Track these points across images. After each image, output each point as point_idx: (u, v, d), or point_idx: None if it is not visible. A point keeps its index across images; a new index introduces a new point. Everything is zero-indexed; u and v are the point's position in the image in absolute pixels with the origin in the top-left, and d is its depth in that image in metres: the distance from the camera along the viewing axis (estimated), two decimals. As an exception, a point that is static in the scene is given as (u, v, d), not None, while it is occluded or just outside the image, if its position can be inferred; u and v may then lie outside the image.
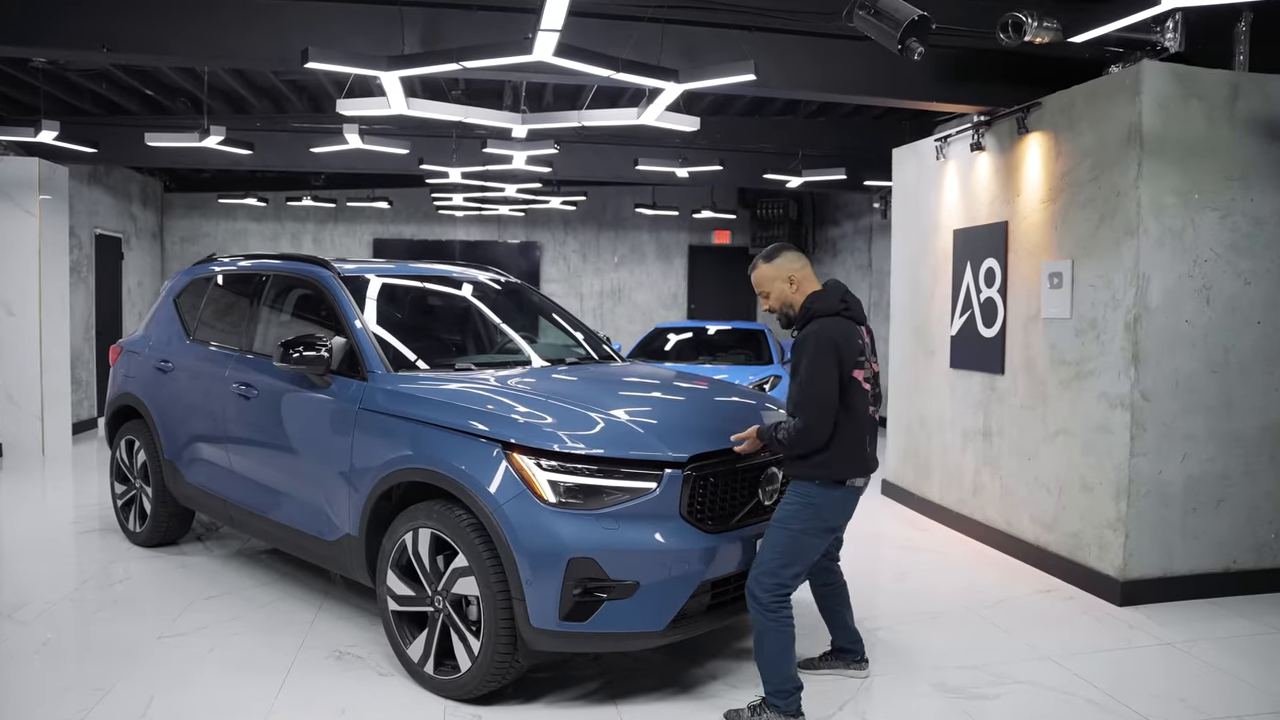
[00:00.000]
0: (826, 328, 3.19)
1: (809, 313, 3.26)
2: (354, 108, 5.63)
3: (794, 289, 3.31)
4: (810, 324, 3.23)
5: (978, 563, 5.59)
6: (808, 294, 3.32)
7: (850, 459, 3.22)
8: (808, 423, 3.13)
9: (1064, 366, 5.21)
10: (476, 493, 3.37)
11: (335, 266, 4.59)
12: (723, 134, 9.60)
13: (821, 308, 3.25)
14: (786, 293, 3.32)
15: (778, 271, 3.33)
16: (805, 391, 3.14)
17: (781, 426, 3.24)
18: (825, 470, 3.20)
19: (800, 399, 3.16)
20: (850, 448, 3.21)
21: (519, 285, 5.26)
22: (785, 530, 3.25)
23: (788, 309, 3.33)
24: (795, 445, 3.19)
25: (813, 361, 3.14)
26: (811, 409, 3.13)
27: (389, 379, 3.97)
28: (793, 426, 3.15)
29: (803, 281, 3.33)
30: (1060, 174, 5.25)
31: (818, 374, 3.13)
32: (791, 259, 3.34)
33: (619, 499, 3.30)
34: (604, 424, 3.47)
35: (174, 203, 13.06)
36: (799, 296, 3.32)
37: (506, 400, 3.67)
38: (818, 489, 3.22)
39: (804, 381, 3.15)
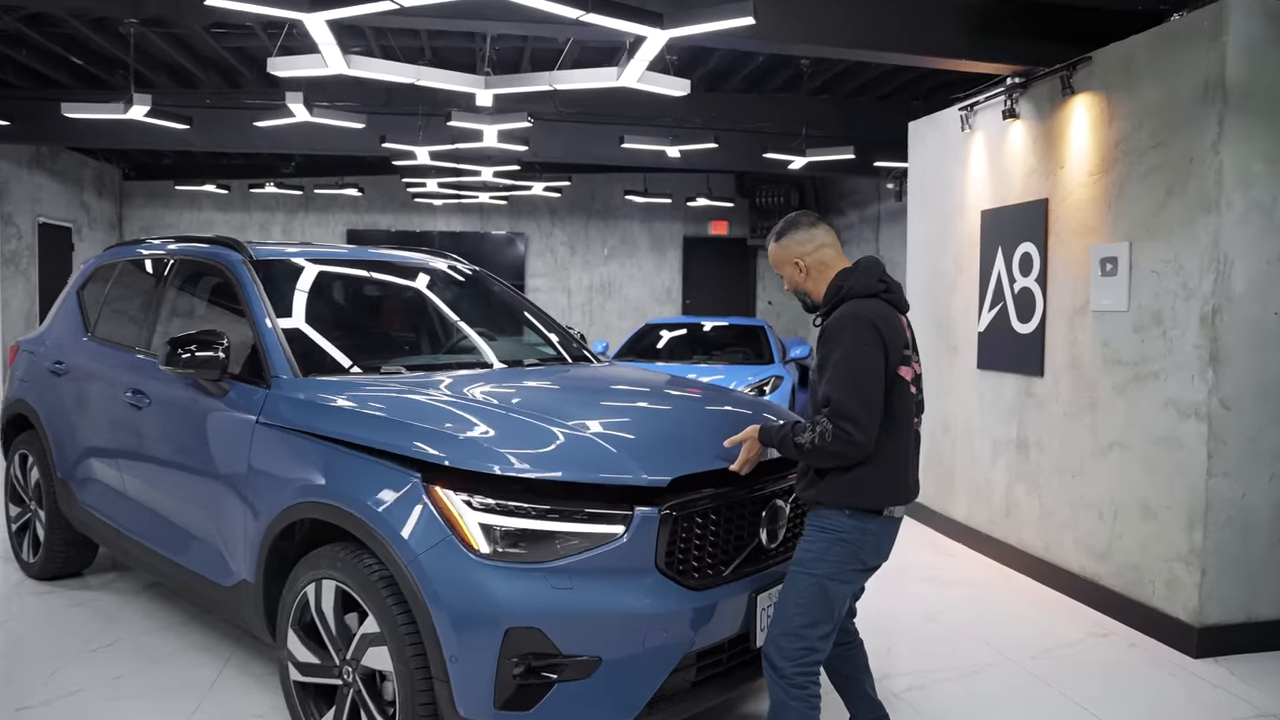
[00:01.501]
0: (866, 309, 2.52)
1: (841, 292, 2.58)
2: (288, 67, 4.81)
3: (803, 276, 2.67)
4: (842, 306, 2.56)
5: (1015, 598, 4.79)
6: (836, 272, 2.65)
7: (891, 480, 2.53)
8: (851, 425, 2.41)
9: (1119, 368, 4.41)
10: (385, 537, 2.57)
11: (248, 249, 3.78)
12: (718, 112, 8.82)
13: (857, 286, 2.57)
14: (797, 278, 2.69)
15: (786, 254, 2.69)
16: (845, 386, 2.43)
17: (802, 427, 2.51)
18: (859, 494, 2.50)
19: (838, 396, 2.43)
20: (891, 465, 2.52)
21: (478, 274, 4.44)
22: (810, 576, 2.53)
23: (801, 294, 2.72)
24: (827, 454, 2.45)
25: (854, 348, 2.45)
26: (854, 406, 2.41)
27: (296, 385, 3.16)
28: (825, 429, 2.43)
29: (830, 258, 2.67)
30: (1115, 141, 4.44)
31: (861, 364, 2.43)
32: (813, 231, 2.68)
33: (575, 548, 2.50)
34: (560, 444, 2.66)
35: (133, 191, 12.26)
36: (825, 275, 2.65)
37: (436, 411, 2.87)
38: (849, 520, 2.52)
39: (843, 374, 2.44)
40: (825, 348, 2.49)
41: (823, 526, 2.54)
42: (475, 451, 2.56)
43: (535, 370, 3.70)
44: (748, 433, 2.70)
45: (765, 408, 3.44)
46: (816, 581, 2.51)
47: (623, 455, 2.61)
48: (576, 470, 2.55)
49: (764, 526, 2.84)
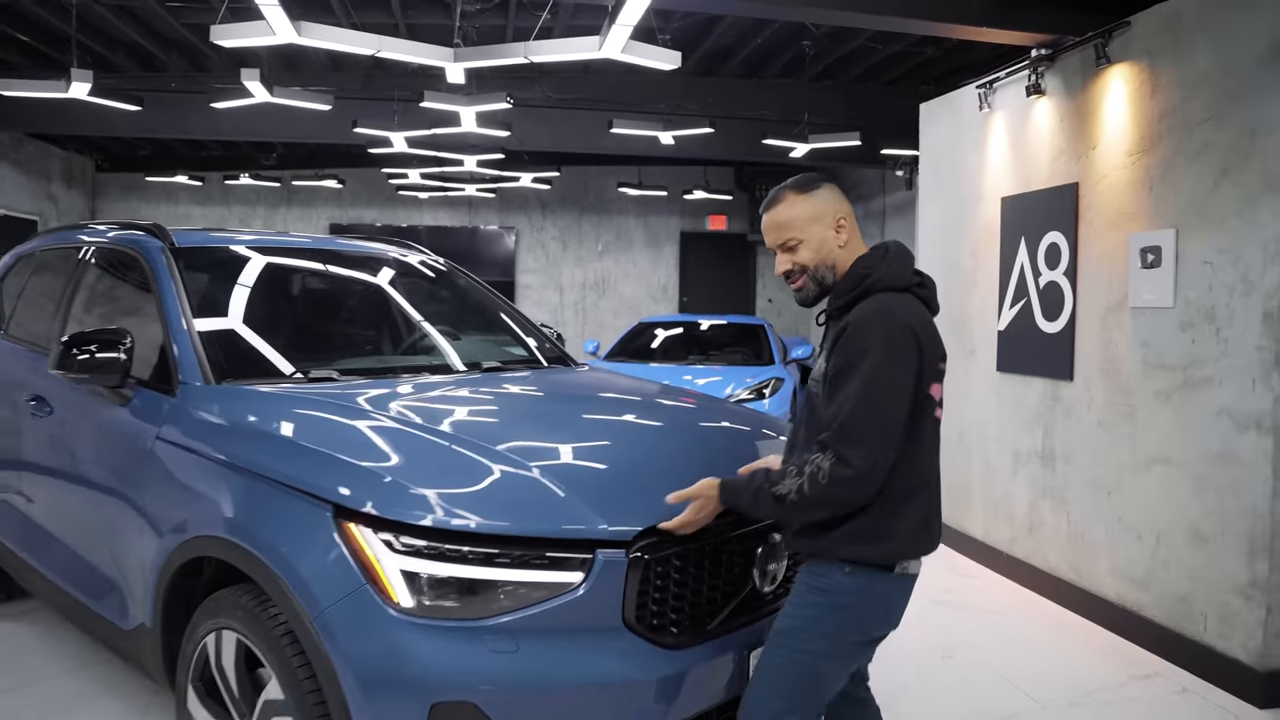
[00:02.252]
0: (901, 307, 1.96)
1: (866, 282, 2.00)
2: (232, 35, 4.31)
3: (840, 242, 2.05)
4: (867, 301, 1.98)
5: (1041, 628, 4.29)
6: (856, 255, 2.07)
7: (909, 525, 1.97)
8: (860, 460, 1.85)
9: (1163, 372, 3.90)
10: (289, 585, 2.07)
11: (170, 235, 3.27)
12: (715, 98, 8.32)
13: (888, 276, 2.00)
14: (829, 245, 2.04)
15: (818, 209, 2.04)
16: (861, 404, 1.86)
17: (781, 473, 1.94)
18: (865, 545, 1.95)
19: (849, 415, 1.87)
20: (911, 506, 1.97)
21: (442, 267, 3.93)
22: (792, 650, 2.00)
23: (823, 272, 2.05)
24: (823, 501, 1.89)
25: (885, 357, 1.88)
26: (868, 437, 1.85)
27: (204, 395, 2.66)
28: (819, 467, 1.87)
29: (852, 233, 2.07)
30: (1158, 115, 3.93)
31: (889, 379, 1.88)
32: (839, 197, 2.08)
33: (521, 600, 2.00)
34: (504, 486, 2.15)
35: (107, 183, 11.76)
36: (849, 256, 2.05)
37: (356, 437, 2.36)
38: (850, 579, 1.96)
39: (863, 390, 1.87)
40: (844, 354, 1.90)
41: (815, 587, 1.98)
42: (398, 496, 2.05)
43: (497, 377, 3.19)
44: (701, 489, 2.06)
45: (767, 424, 2.94)
46: (803, 659, 1.98)
47: (580, 499, 2.08)
48: (521, 520, 2.04)
49: (758, 567, 2.33)
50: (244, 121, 7.43)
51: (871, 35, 7.07)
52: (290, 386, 2.74)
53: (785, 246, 2.05)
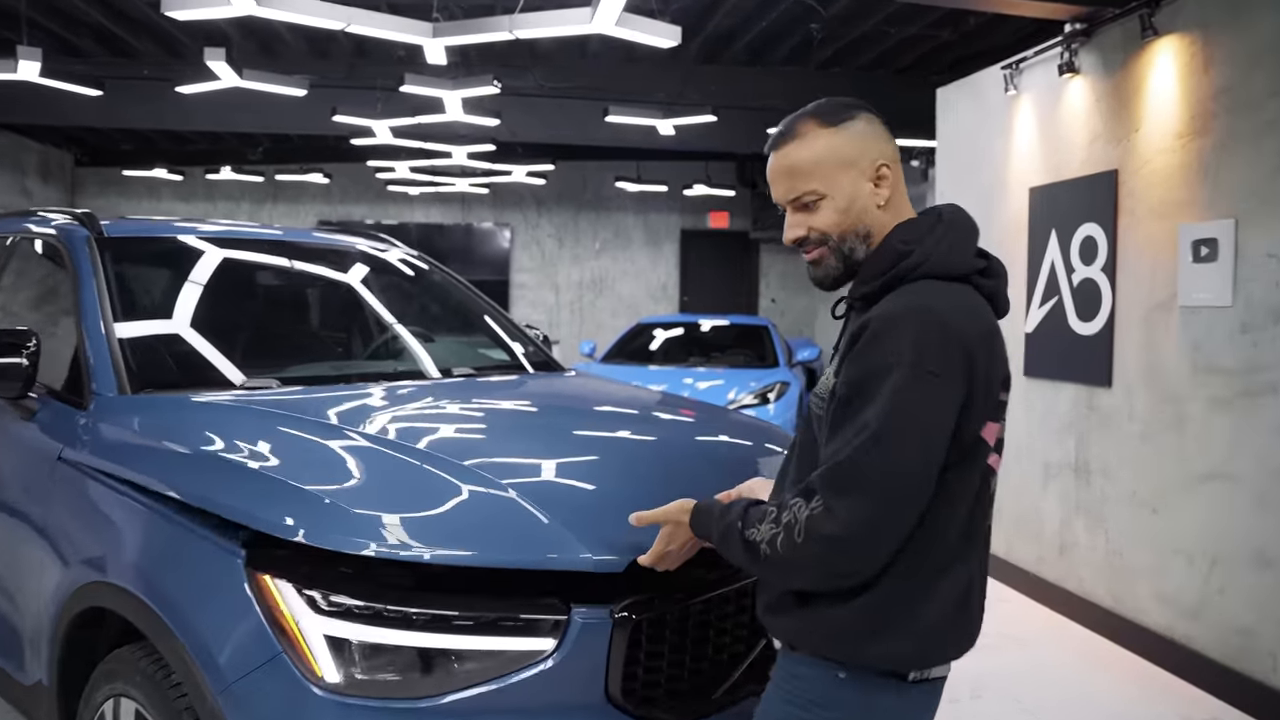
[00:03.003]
0: (948, 306, 1.33)
1: (902, 262, 1.36)
2: (187, 5, 3.90)
3: (880, 199, 1.41)
4: (902, 290, 1.35)
5: (1077, 660, 3.88)
6: (898, 221, 1.42)
7: (940, 619, 1.35)
8: (849, 516, 1.25)
9: (1218, 378, 3.49)
10: (188, 649, 1.67)
11: (97, 224, 2.86)
12: (718, 86, 7.92)
13: (936, 256, 1.36)
14: (862, 203, 1.40)
15: (851, 149, 1.39)
16: (871, 445, 1.26)
17: (760, 513, 1.36)
18: (874, 643, 1.33)
19: (848, 459, 1.27)
20: (944, 592, 1.35)
21: (417, 263, 3.50)
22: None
23: (851, 243, 1.41)
24: (796, 564, 1.30)
25: (914, 377, 1.27)
26: (868, 487, 1.26)
27: (116, 408, 2.26)
28: (800, 521, 1.28)
29: (897, 188, 1.42)
30: (1213, 92, 3.52)
31: (916, 410, 1.27)
32: (882, 135, 1.44)
33: (478, 674, 1.60)
34: (466, 506, 1.74)
35: (86, 179, 11.37)
36: (881, 219, 1.41)
37: (291, 450, 1.95)
38: (844, 690, 1.35)
39: (876, 421, 1.27)
40: (859, 365, 1.30)
41: (792, 692, 1.38)
42: (337, 519, 1.64)
43: (467, 385, 2.77)
44: (670, 512, 1.52)
45: (772, 437, 2.53)
46: None
47: (559, 524, 1.68)
48: (486, 547, 1.64)
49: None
50: (219, 110, 7.03)
51: (884, 18, 6.66)
52: (219, 398, 2.34)
53: (799, 203, 1.41)
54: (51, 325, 2.71)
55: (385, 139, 7.39)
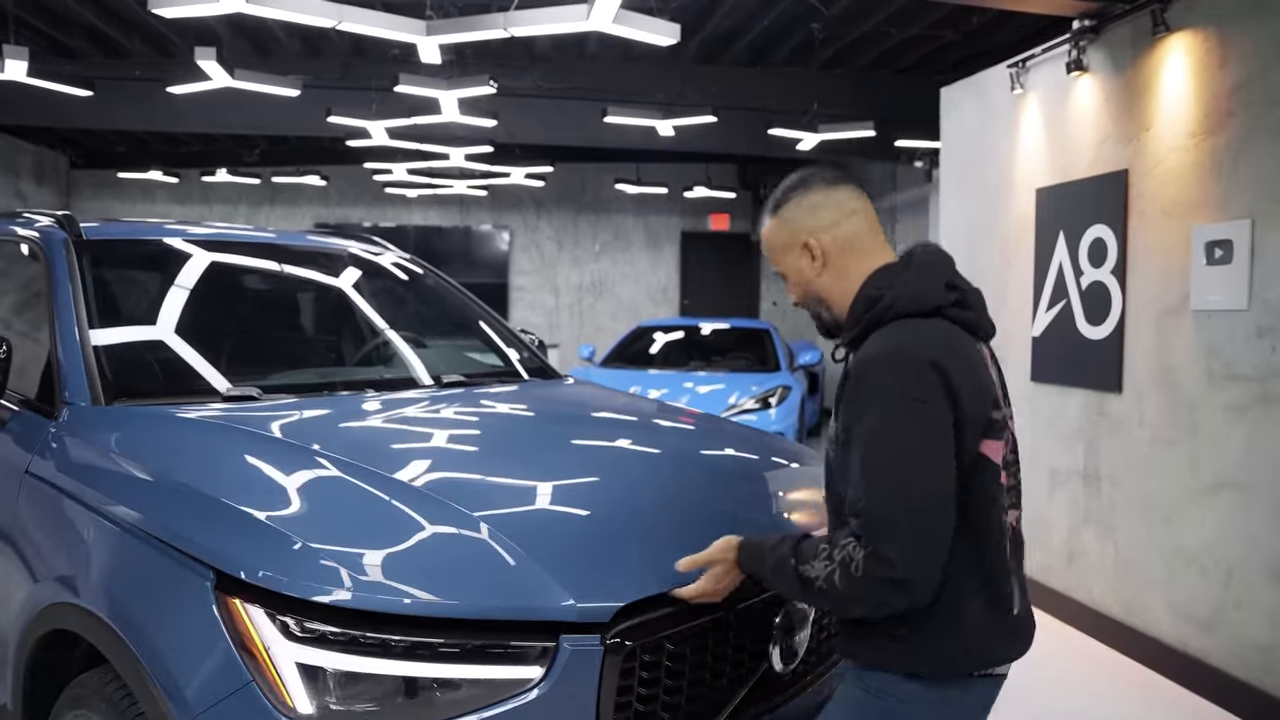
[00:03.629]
0: (919, 338, 1.45)
1: (877, 306, 1.50)
2: (174, 3, 3.81)
3: (842, 252, 1.56)
4: (879, 333, 1.48)
5: (1087, 674, 3.77)
6: (870, 271, 1.55)
7: (985, 625, 1.47)
8: (901, 559, 1.35)
9: (1233, 384, 3.39)
10: (152, 676, 1.57)
11: (76, 226, 2.76)
12: (718, 87, 7.82)
13: (905, 296, 1.49)
14: (805, 276, 1.59)
15: (785, 235, 1.59)
16: (881, 491, 1.38)
17: (812, 548, 1.45)
18: (934, 659, 1.46)
19: (870, 508, 1.38)
20: (983, 599, 1.47)
21: (409, 266, 3.39)
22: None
23: (815, 308, 1.62)
24: (855, 598, 1.41)
25: (897, 410, 1.39)
26: (901, 532, 1.36)
27: (88, 418, 2.16)
28: (849, 556, 1.39)
29: (861, 238, 1.57)
30: (1229, 89, 3.42)
31: (907, 440, 1.39)
32: (834, 192, 1.58)
33: (460, 704, 1.50)
34: (438, 548, 1.62)
35: (81, 181, 11.28)
36: (852, 268, 1.55)
37: (266, 470, 1.85)
38: (914, 687, 1.47)
39: (877, 460, 1.39)
40: (849, 411, 1.45)
41: (871, 688, 1.50)
42: (301, 564, 1.53)
43: (457, 394, 2.66)
44: (717, 552, 1.58)
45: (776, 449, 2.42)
46: None
47: (541, 566, 1.56)
48: (460, 595, 1.52)
49: (777, 644, 1.82)
50: (211, 111, 6.93)
51: (886, 18, 6.57)
52: (197, 408, 2.23)
53: (780, 271, 1.64)
54: (34, 331, 2.61)
55: (381, 140, 7.29)
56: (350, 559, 1.54)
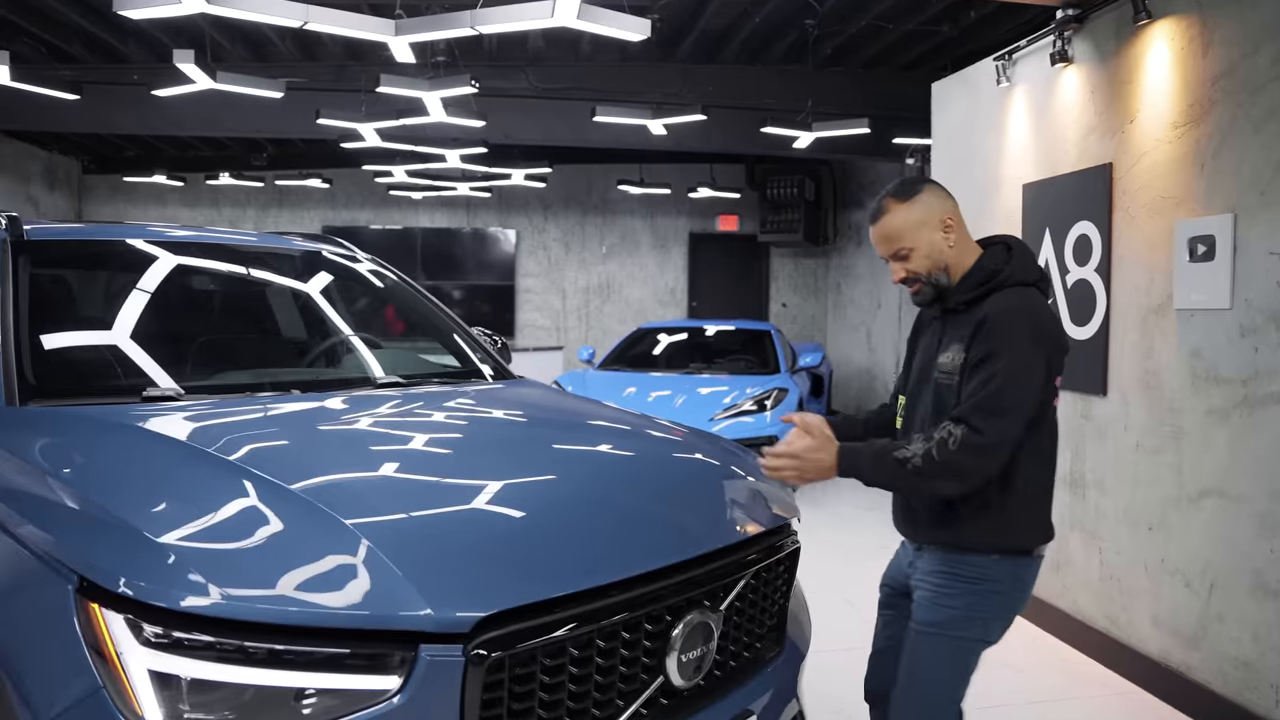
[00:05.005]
0: (1037, 303, 2.03)
1: (996, 278, 2.04)
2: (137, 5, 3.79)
3: (950, 242, 2.07)
4: (1002, 294, 2.02)
5: (1071, 687, 3.63)
6: (976, 251, 2.11)
7: (1044, 512, 2.09)
8: (994, 432, 1.90)
9: (1218, 387, 3.24)
10: (8, 682, 1.52)
11: (20, 227, 2.71)
12: (715, 86, 7.74)
13: (1019, 271, 2.05)
14: (939, 248, 2.07)
15: (924, 214, 2.06)
16: (1004, 389, 1.92)
17: (915, 439, 1.96)
18: (1014, 534, 2.03)
19: (988, 396, 1.92)
20: (1044, 494, 2.09)
21: (361, 263, 3.33)
22: (954, 640, 2.05)
23: (937, 276, 2.09)
24: (949, 467, 1.91)
25: (1031, 353, 1.95)
26: (1005, 413, 1.91)
27: (2, 419, 2.12)
28: (955, 435, 1.91)
29: (962, 230, 2.11)
30: (1212, 77, 3.28)
31: (1031, 370, 1.95)
32: (942, 196, 2.11)
33: (315, 715, 1.43)
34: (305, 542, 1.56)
35: (94, 185, 11.41)
36: (961, 254, 2.08)
37: (154, 472, 1.80)
38: (1001, 566, 2.03)
39: (1006, 374, 1.92)
40: (988, 343, 1.95)
41: (966, 576, 2.03)
42: (158, 568, 1.46)
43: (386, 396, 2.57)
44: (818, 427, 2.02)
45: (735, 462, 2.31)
46: (966, 646, 2.05)
47: (402, 575, 1.46)
48: (316, 603, 1.43)
49: (675, 652, 1.73)
50: (201, 113, 6.96)
51: (881, 13, 6.44)
52: (109, 410, 2.18)
53: (896, 256, 2.07)
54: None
55: (374, 142, 7.28)
56: (211, 565, 1.47)
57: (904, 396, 2.21)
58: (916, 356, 2.22)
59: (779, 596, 2.12)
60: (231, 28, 6.72)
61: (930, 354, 2.11)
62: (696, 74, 7.68)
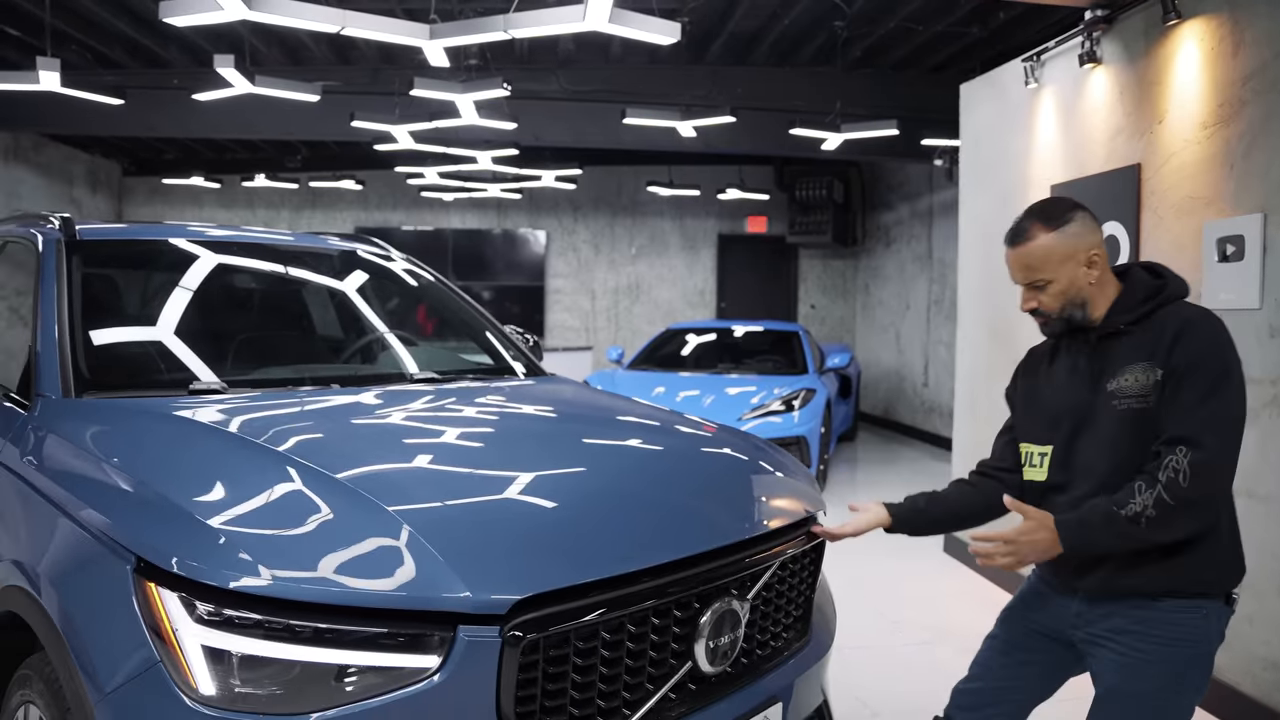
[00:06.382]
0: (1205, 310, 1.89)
1: (1162, 294, 1.88)
2: (178, 13, 3.92)
3: (1092, 278, 1.90)
4: (1175, 305, 1.88)
5: (1097, 688, 3.62)
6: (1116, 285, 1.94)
7: (1239, 549, 1.90)
8: (1219, 450, 1.74)
9: (1248, 386, 3.21)
10: (73, 656, 1.61)
11: (73, 227, 2.84)
12: (745, 88, 7.78)
13: (1178, 286, 1.92)
14: (1079, 283, 1.90)
15: (1071, 246, 1.88)
16: (1230, 399, 1.77)
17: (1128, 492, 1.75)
18: (1227, 571, 1.84)
19: (1209, 413, 1.74)
20: (1236, 531, 1.90)
21: (396, 263, 3.42)
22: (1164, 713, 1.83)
23: (1071, 311, 1.91)
24: (1190, 504, 1.71)
25: (1233, 353, 1.82)
26: (1238, 422, 1.78)
27: (57, 410, 2.23)
28: (1183, 469, 1.70)
29: (1104, 265, 1.92)
30: (1243, 77, 3.28)
31: (1240, 373, 1.81)
32: (1092, 227, 1.94)
33: (360, 690, 1.51)
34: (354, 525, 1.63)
35: (134, 188, 11.68)
36: (1101, 288, 1.91)
37: (207, 461, 1.89)
38: (1207, 622, 1.82)
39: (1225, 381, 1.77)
40: (1190, 352, 1.77)
41: (1168, 638, 1.78)
42: (213, 550, 1.55)
43: (423, 391, 2.66)
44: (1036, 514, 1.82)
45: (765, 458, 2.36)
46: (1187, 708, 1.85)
47: (442, 559, 1.54)
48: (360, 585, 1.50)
49: (703, 639, 1.78)
50: (241, 116, 7.13)
51: (909, 15, 6.45)
52: (159, 402, 2.28)
53: (1033, 285, 1.91)
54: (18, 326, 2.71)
55: (407, 144, 7.41)
56: (260, 547, 1.55)
57: (1041, 446, 1.97)
58: (1050, 396, 1.98)
59: (805, 588, 2.17)
60: (268, 32, 6.88)
61: (1088, 384, 1.89)
62: (726, 76, 7.72)
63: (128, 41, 7.02)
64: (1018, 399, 2.11)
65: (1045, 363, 2.04)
